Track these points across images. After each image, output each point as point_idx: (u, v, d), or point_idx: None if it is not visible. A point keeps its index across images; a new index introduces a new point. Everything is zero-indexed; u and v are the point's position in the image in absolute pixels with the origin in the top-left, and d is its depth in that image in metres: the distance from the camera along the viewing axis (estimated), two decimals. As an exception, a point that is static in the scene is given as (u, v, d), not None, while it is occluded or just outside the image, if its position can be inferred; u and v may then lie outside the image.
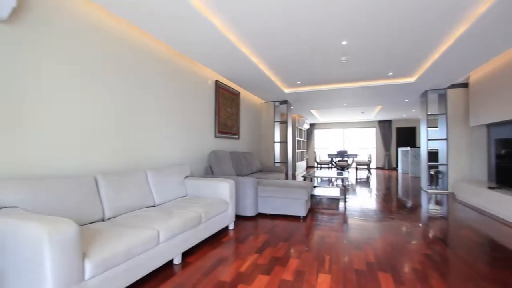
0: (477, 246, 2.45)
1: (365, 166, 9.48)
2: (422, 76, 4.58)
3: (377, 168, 11.72)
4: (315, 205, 4.19)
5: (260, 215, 3.53)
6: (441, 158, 5.48)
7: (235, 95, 5.29)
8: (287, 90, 5.90)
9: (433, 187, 5.58)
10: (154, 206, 2.49)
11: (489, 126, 4.62)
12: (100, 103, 2.36)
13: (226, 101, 4.89)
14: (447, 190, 5.27)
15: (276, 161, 6.84)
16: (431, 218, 3.44)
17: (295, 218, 3.41)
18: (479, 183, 4.41)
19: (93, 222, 1.90)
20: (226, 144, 4.97)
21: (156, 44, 3.08)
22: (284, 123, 7.09)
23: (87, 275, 1.33)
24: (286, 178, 6.66)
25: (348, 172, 8.72)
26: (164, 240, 1.88)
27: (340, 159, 8.94)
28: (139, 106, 2.83)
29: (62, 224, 1.24)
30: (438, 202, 4.45)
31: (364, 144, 12.17)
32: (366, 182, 7.18)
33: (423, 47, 3.51)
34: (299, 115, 9.97)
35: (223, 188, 2.90)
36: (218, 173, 3.85)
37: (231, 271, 1.94)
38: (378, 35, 3.14)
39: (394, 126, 11.53)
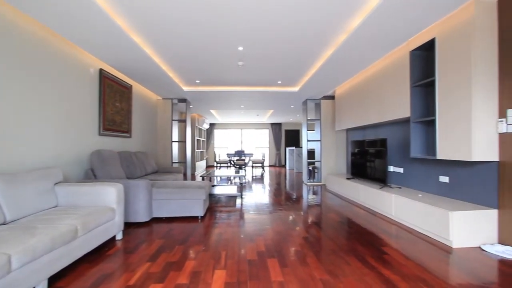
0: (339, 225, 3.11)
1: (260, 164, 10.38)
2: (303, 87, 5.42)
3: (270, 165, 13.04)
4: (214, 203, 4.25)
5: (155, 220, 3.29)
6: (317, 156, 6.63)
7: (127, 89, 4.72)
8: (186, 88, 5.73)
9: (311, 180, 6.69)
10: (5, 224, 1.90)
11: (347, 130, 5.96)
12: None
13: (114, 94, 4.29)
14: (321, 182, 6.43)
15: (174, 161, 6.53)
16: (309, 206, 4.11)
17: (193, 218, 3.35)
18: (341, 175, 5.60)
19: None
20: (115, 143, 4.36)
21: (18, 18, 2.36)
22: (183, 122, 6.86)
23: None
24: (185, 178, 6.47)
25: (245, 170, 9.31)
26: (20, 266, 1.46)
27: (238, 158, 9.43)
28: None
29: None
30: (314, 193, 5.37)
31: (259, 144, 13.30)
32: (260, 179, 7.86)
33: (304, 62, 4.16)
34: (199, 115, 9.87)
35: (109, 194, 2.53)
36: (103, 177, 3.33)
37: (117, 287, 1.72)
38: (270, 47, 3.50)
39: (283, 128, 13.12)
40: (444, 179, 3.00)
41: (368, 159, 4.31)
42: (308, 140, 6.60)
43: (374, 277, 1.84)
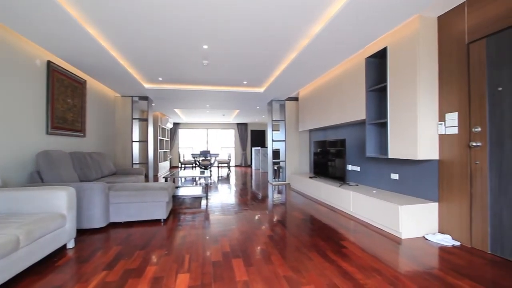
0: (302, 223, 3.22)
1: (226, 165, 10.31)
2: (268, 88, 5.52)
3: (236, 166, 13.02)
4: (178, 205, 4.12)
5: (113, 225, 3.08)
6: (282, 156, 6.79)
7: (80, 84, 4.35)
8: (147, 86, 5.46)
9: (276, 179, 6.83)
10: None
11: (310, 131, 6.21)
12: None
13: (65, 90, 3.92)
14: (285, 181, 6.60)
15: (134, 162, 6.18)
16: (274, 205, 4.20)
17: (156, 222, 3.21)
18: (304, 174, 5.81)
19: None
20: (66, 143, 3.99)
21: None
22: (144, 120, 6.53)
23: None
24: (147, 180, 6.16)
25: (211, 171, 9.17)
26: None
27: (204, 158, 9.26)
28: None
29: None
30: (279, 192, 5.49)
31: (225, 144, 13.21)
32: (226, 179, 7.81)
33: (270, 64, 4.23)
34: (162, 113, 9.48)
35: (58, 199, 2.30)
36: (51, 180, 3.03)
37: (68, 300, 1.58)
38: (236, 47, 3.49)
39: (249, 129, 13.21)
40: (395, 176, 3.28)
41: (329, 158, 4.54)
42: (273, 140, 6.73)
43: (334, 270, 1.94)
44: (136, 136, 6.28)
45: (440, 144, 2.64)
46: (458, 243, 2.43)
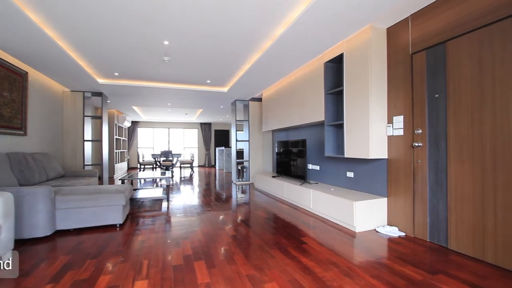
0: (265, 221, 3.28)
1: (189, 165, 10.03)
2: (232, 88, 5.50)
3: (199, 166, 12.75)
4: (136, 209, 3.89)
5: (60, 233, 2.80)
6: (245, 155, 6.83)
7: (20, 76, 3.87)
8: (101, 81, 5.07)
9: (240, 179, 6.85)
10: None
11: (273, 131, 6.34)
12: None
13: (1, 82, 3.45)
14: (249, 181, 6.65)
15: (87, 163, 5.68)
16: (238, 205, 4.21)
17: (111, 227, 3.00)
18: (268, 174, 5.92)
19: None
20: (3, 143, 3.52)
21: None
22: (98, 118, 6.05)
23: None
24: (101, 182, 5.72)
25: (173, 172, 8.85)
26: None
27: (165, 159, 8.89)
28: None
29: None
30: (243, 192, 5.51)
31: (188, 144, 12.84)
32: (189, 180, 7.60)
33: (233, 64, 4.22)
34: (118, 111, 8.87)
35: (-8, 206, 2.02)
36: (-17, 185, 2.65)
37: (3, 320, 1.40)
38: (199, 44, 3.42)
39: (213, 128, 13.03)
40: (350, 174, 3.51)
41: (291, 158, 4.69)
42: (237, 140, 6.73)
43: (295, 266, 2.02)
44: (88, 135, 5.77)
45: (389, 145, 2.90)
46: (403, 234, 2.69)
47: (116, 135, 8.61)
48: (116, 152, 8.55)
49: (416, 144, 2.57)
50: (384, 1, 2.34)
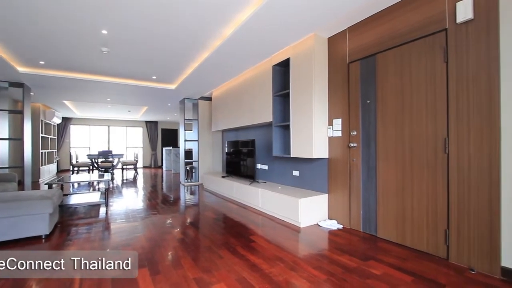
0: (214, 222, 3.24)
1: (132, 166, 9.31)
2: (180, 86, 5.30)
3: (144, 167, 11.93)
4: (67, 216, 3.45)
5: (-37, 251, 2.32)
6: (194, 156, 6.65)
7: None
8: (22, 69, 4.35)
9: (189, 180, 6.64)
10: None
11: (223, 131, 6.31)
12: None
13: None
14: (198, 181, 6.49)
15: (2, 166, 4.81)
16: (187, 207, 4.08)
17: (34, 239, 2.60)
18: (217, 174, 5.86)
19: None
20: None
21: None
22: (18, 113, 5.18)
23: None
24: (22, 188, 4.92)
25: (113, 174, 8.11)
26: None
27: (104, 159, 8.09)
28: None
29: None
30: (192, 193, 5.36)
31: (132, 144, 11.91)
32: (133, 182, 7.07)
33: (181, 60, 4.07)
34: (45, 105, 7.73)
35: None
36: None
37: None
38: (143, 36, 3.20)
39: (160, 127, 12.33)
40: (296, 173, 3.71)
41: (241, 158, 4.73)
42: (185, 140, 6.50)
43: (243, 264, 2.05)
44: (5, 132, 4.90)
45: (329, 145, 3.15)
46: (341, 226, 2.96)
47: (42, 133, 7.49)
48: (42, 153, 7.44)
49: (352, 145, 2.85)
50: (325, 13, 2.53)
